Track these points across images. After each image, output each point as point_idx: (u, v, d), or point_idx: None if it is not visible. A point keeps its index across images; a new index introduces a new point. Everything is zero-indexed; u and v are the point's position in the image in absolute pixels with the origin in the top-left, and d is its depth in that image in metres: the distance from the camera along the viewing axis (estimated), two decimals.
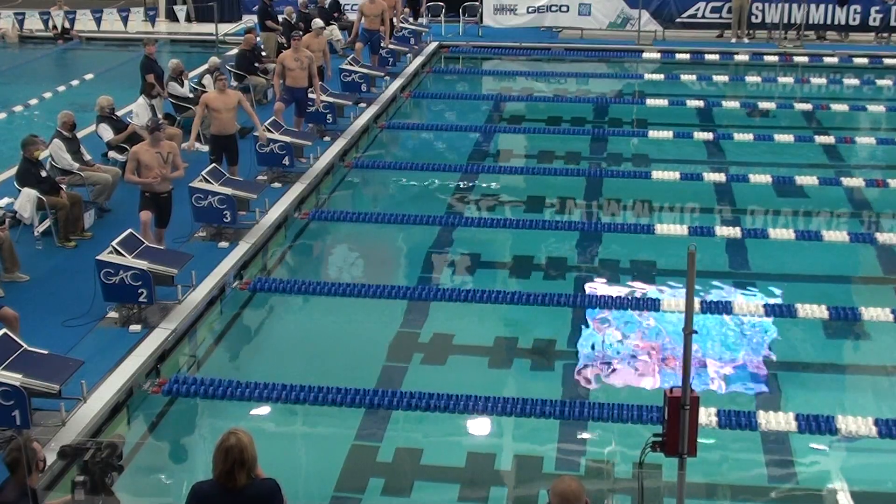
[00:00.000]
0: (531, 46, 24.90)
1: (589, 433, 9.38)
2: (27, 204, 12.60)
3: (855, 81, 22.40)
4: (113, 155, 14.95)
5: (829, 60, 23.70)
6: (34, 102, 20.23)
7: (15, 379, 8.51)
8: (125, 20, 26.73)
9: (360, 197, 16.10)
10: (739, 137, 17.93)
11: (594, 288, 12.41)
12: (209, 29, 25.67)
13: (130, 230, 11.28)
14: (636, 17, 25.23)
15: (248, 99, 16.34)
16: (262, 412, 9.70)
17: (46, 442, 8.44)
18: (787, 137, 17.99)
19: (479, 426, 9.56)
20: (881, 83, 22.03)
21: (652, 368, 10.58)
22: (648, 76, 22.49)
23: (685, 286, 6.20)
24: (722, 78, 22.93)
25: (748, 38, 25.21)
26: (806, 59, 23.85)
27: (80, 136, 14.31)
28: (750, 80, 23.69)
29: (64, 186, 13.08)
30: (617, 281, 12.56)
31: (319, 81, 17.37)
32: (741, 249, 13.43)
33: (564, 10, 25.92)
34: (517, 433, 9.46)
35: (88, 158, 13.96)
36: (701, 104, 20.24)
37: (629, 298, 11.79)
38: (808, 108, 20.03)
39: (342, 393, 9.61)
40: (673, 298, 11.70)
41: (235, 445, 5.77)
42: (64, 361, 9.20)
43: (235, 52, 21.26)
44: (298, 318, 12.13)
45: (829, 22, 25.08)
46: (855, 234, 13.78)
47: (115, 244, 10.87)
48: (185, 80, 17.53)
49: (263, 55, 20.82)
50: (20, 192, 12.74)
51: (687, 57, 24.09)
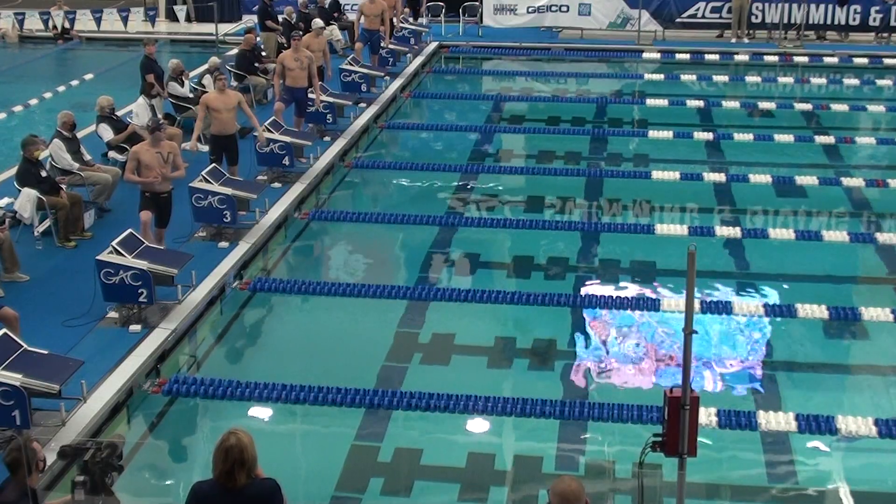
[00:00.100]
0: (531, 46, 24.90)
1: (589, 433, 9.38)
2: (27, 204, 12.60)
3: (855, 81, 22.38)
4: (113, 155, 14.95)
5: (829, 60, 23.70)
6: (34, 102, 20.22)
7: (15, 379, 8.51)
8: (125, 20, 26.73)
9: (360, 197, 16.09)
10: (739, 137, 17.93)
11: (594, 288, 12.42)
12: (209, 29, 25.66)
13: (130, 230, 11.28)
14: (636, 17, 25.22)
15: (247, 99, 16.34)
16: (262, 412, 9.70)
17: (46, 442, 8.44)
18: (787, 137, 17.98)
19: (479, 426, 9.55)
20: (881, 83, 22.03)
21: (652, 368, 10.58)
22: (648, 76, 22.48)
23: (685, 286, 6.20)
24: (722, 78, 22.91)
25: (748, 38, 25.21)
26: (806, 59, 23.85)
27: (80, 136, 14.31)
28: (750, 80, 23.68)
29: (64, 186, 13.08)
30: (617, 281, 12.55)
31: (319, 81, 17.37)
32: (741, 249, 13.43)
33: (564, 10, 25.91)
34: (517, 433, 9.46)
35: (88, 158, 13.96)
36: (701, 104, 20.23)
37: (629, 298, 11.79)
38: (808, 108, 20.03)
39: (342, 393, 9.61)
40: (673, 298, 11.70)
41: (235, 445, 5.77)
42: (64, 361, 9.20)
43: (235, 52, 21.25)
44: (298, 318, 12.13)
45: (829, 22, 25.07)
46: (855, 234, 13.77)
47: (115, 244, 10.87)
48: (185, 80, 17.53)
49: (263, 55, 20.81)
50: (20, 192, 12.74)
51: (687, 57, 24.09)
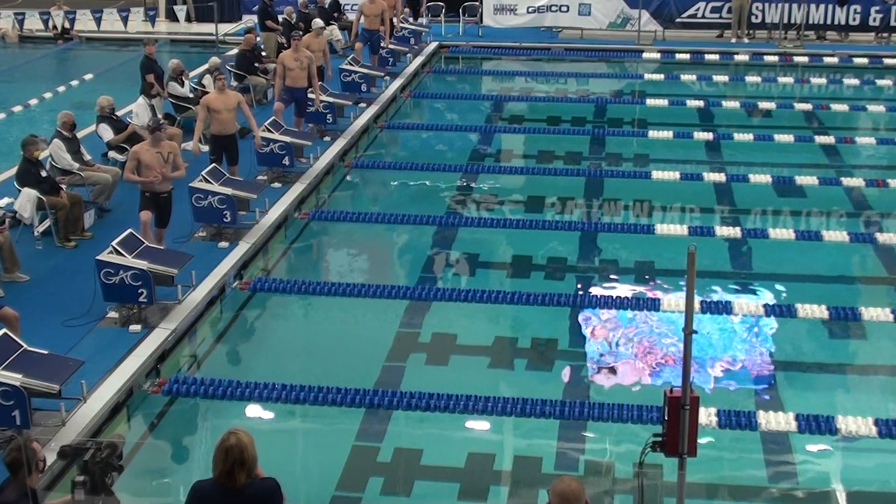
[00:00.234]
0: (531, 46, 24.90)
1: (589, 433, 9.38)
2: (27, 204, 12.60)
3: (855, 81, 22.39)
4: (113, 155, 14.96)
5: (829, 60, 23.70)
6: (34, 102, 20.22)
7: (15, 379, 8.51)
8: (125, 20, 26.72)
9: (359, 197, 16.09)
10: (739, 137, 17.93)
11: (594, 288, 12.42)
12: (209, 29, 25.66)
13: (130, 230, 11.28)
14: (636, 17, 25.22)
15: (247, 99, 16.34)
16: (262, 412, 9.69)
17: (46, 442, 8.44)
18: (787, 137, 17.98)
19: (479, 426, 9.55)
20: (881, 83, 22.03)
21: (652, 368, 10.58)
22: (648, 76, 22.48)
23: (685, 286, 6.20)
24: (722, 78, 22.92)
25: (748, 38, 25.21)
26: (806, 59, 23.85)
27: (80, 136, 14.31)
28: (750, 80, 23.68)
29: (64, 186, 13.08)
30: (617, 281, 12.56)
31: (319, 81, 17.37)
32: (741, 249, 13.43)
33: (564, 10, 25.91)
34: (517, 433, 9.46)
35: (88, 158, 13.96)
36: (701, 104, 20.24)
37: (629, 298, 11.79)
38: (808, 108, 20.03)
39: (342, 393, 9.61)
40: (673, 298, 11.70)
41: (235, 445, 5.77)
42: (64, 361, 9.19)
43: (235, 52, 21.26)
44: (298, 318, 12.13)
45: (829, 22, 25.07)
46: (855, 234, 13.76)
47: (115, 244, 10.87)
48: (185, 80, 17.54)
49: (263, 55, 20.82)
50: (20, 192, 12.74)
51: (687, 57, 24.09)
